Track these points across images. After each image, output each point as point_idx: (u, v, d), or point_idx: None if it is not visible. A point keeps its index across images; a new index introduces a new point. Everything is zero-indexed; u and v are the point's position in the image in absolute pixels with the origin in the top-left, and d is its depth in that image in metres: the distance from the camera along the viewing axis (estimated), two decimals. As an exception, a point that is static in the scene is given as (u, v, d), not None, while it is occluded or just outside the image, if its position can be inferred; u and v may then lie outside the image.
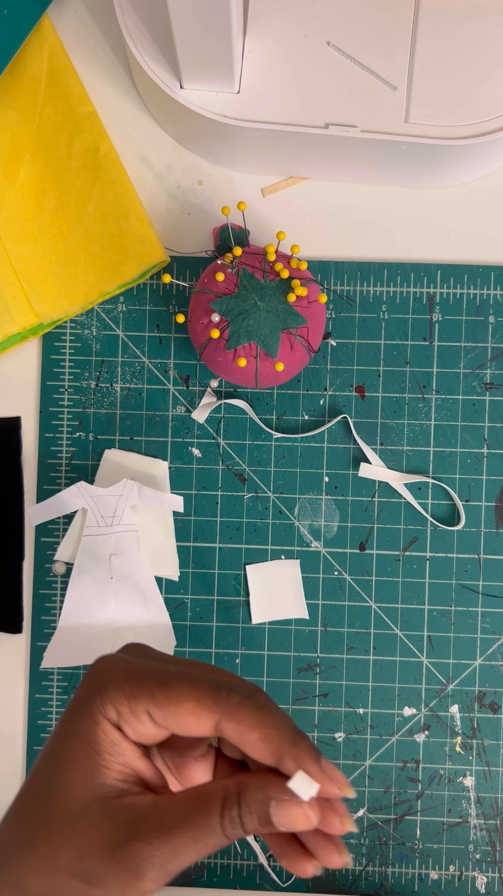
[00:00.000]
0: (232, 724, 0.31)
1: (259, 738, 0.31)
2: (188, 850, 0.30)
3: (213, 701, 0.31)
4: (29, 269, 0.53)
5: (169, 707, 0.31)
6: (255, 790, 0.30)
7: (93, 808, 0.31)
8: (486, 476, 0.54)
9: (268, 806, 0.30)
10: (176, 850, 0.30)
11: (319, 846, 0.32)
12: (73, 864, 0.31)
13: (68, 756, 0.32)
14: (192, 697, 0.31)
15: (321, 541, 0.54)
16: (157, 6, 0.49)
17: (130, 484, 0.52)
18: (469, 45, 0.49)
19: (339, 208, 0.55)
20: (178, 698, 0.31)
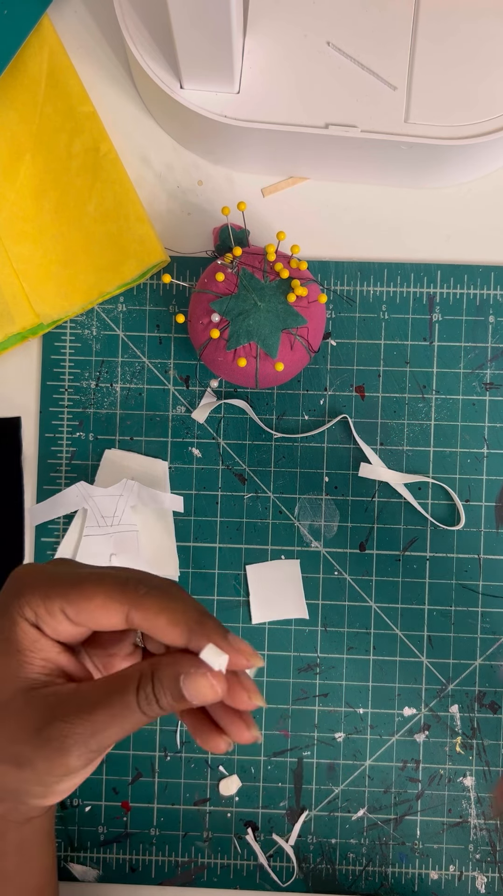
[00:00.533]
0: (139, 613, 0.33)
1: (166, 623, 0.33)
2: (108, 727, 0.32)
3: (122, 594, 0.33)
4: (29, 269, 0.53)
5: (80, 602, 0.33)
6: (167, 667, 0.33)
7: (17, 699, 0.34)
8: (486, 476, 0.54)
9: (179, 681, 0.32)
10: (96, 727, 0.32)
11: (229, 722, 0.34)
12: (3, 751, 0.34)
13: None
14: (100, 593, 0.33)
15: (321, 541, 0.54)
16: (157, 6, 0.49)
17: (130, 484, 0.52)
18: (469, 44, 0.49)
19: (339, 208, 0.55)
20: (89, 594, 0.33)
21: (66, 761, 0.33)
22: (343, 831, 0.53)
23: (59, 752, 0.33)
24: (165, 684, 0.33)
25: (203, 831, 0.53)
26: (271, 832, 0.53)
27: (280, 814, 0.53)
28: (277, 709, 0.53)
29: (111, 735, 0.33)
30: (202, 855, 0.53)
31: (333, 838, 0.53)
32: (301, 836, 0.53)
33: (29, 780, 0.34)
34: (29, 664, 0.34)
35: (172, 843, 0.53)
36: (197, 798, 0.53)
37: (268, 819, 0.53)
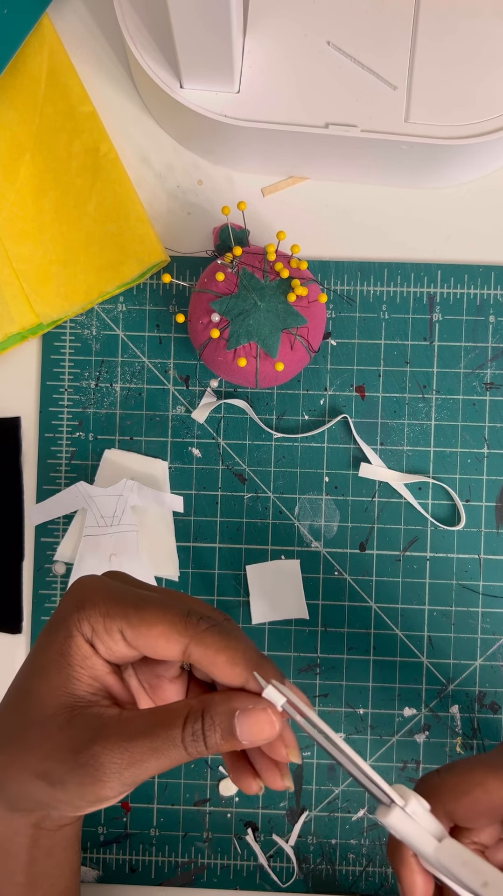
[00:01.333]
0: (200, 649, 0.33)
1: (225, 661, 0.33)
2: (147, 760, 0.32)
3: (184, 626, 0.33)
4: (29, 269, 0.53)
5: (141, 629, 0.33)
6: (220, 704, 0.33)
7: (61, 715, 0.33)
8: (487, 476, 0.54)
9: (233, 717, 0.32)
10: (134, 758, 0.32)
11: (265, 768, 0.34)
12: (39, 766, 0.33)
13: (42, 666, 0.34)
14: (163, 621, 0.33)
15: (321, 541, 0.54)
16: (157, 6, 0.49)
17: (130, 484, 0.52)
18: (469, 44, 0.49)
19: (339, 208, 0.55)
20: (151, 621, 0.33)
21: (98, 790, 0.32)
22: (343, 832, 0.53)
23: (92, 779, 0.32)
24: (217, 721, 0.32)
25: (203, 832, 0.53)
26: (271, 832, 0.53)
27: (280, 814, 0.53)
28: (277, 709, 0.53)
29: (148, 769, 0.32)
30: (202, 855, 0.53)
31: (333, 839, 0.53)
32: (301, 836, 0.53)
33: (60, 798, 0.33)
34: (77, 680, 0.34)
35: (172, 844, 0.53)
36: (197, 798, 0.53)
37: (268, 819, 0.53)
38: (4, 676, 0.54)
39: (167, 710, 0.33)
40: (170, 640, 0.33)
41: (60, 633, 0.34)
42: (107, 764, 0.32)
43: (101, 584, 0.35)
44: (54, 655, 0.34)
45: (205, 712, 0.32)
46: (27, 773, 0.34)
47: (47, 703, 0.34)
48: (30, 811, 0.36)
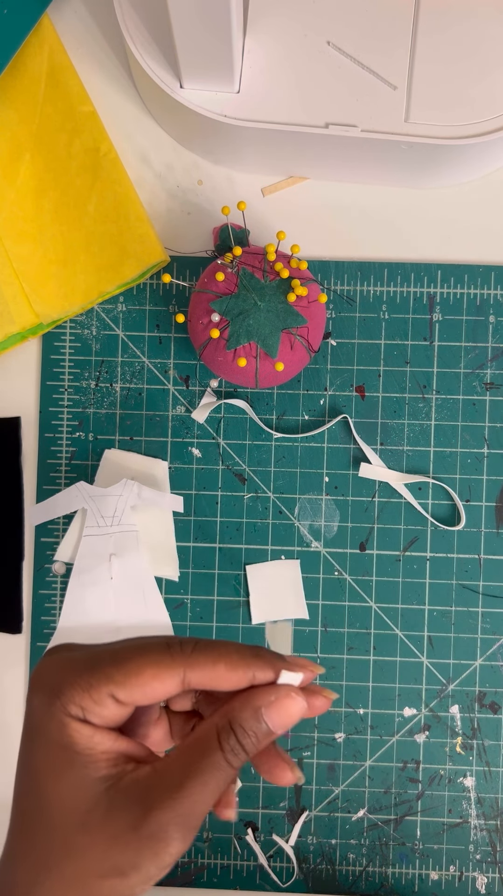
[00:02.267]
0: (196, 671, 0.31)
1: (226, 668, 0.31)
2: (203, 796, 0.30)
3: (170, 658, 0.31)
4: (29, 269, 0.53)
5: (130, 680, 0.31)
6: (243, 709, 0.31)
7: (98, 806, 0.31)
8: (487, 476, 0.54)
9: (260, 715, 0.31)
10: (193, 802, 0.30)
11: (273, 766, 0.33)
12: (101, 865, 0.31)
13: (49, 769, 0.32)
14: (148, 664, 0.31)
15: (321, 541, 0.54)
16: (157, 6, 0.49)
17: (130, 484, 0.52)
18: (469, 44, 0.49)
19: (339, 208, 0.55)
20: (136, 669, 0.31)
21: (172, 850, 0.30)
22: (343, 832, 0.53)
23: (164, 844, 0.30)
24: (247, 726, 0.31)
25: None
26: (271, 832, 0.53)
27: (280, 814, 0.53)
28: (277, 709, 0.53)
29: (207, 803, 0.31)
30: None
31: (333, 839, 0.53)
32: (301, 836, 0.53)
33: (136, 883, 0.31)
34: (94, 764, 0.31)
35: (172, 844, 0.53)
36: (197, 798, 0.53)
37: (269, 819, 0.53)
38: (4, 676, 0.54)
39: (197, 741, 0.31)
40: (163, 678, 0.31)
41: (52, 728, 0.31)
42: (171, 824, 0.30)
43: (63, 660, 0.33)
44: (57, 753, 0.31)
45: (232, 724, 0.31)
46: (91, 881, 0.31)
47: (77, 804, 0.31)
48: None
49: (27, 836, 0.32)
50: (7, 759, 0.54)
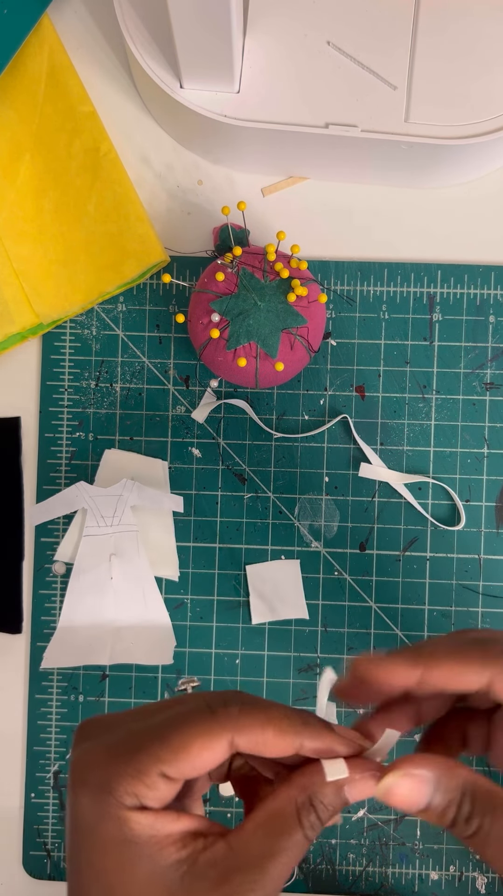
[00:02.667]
0: (244, 736, 0.30)
1: (274, 735, 0.30)
2: (284, 873, 0.29)
3: (219, 725, 0.30)
4: (29, 269, 0.53)
5: (179, 757, 0.29)
6: (325, 785, 0.30)
7: (177, 894, 0.29)
8: (486, 476, 0.54)
9: (342, 793, 0.30)
10: (275, 879, 0.29)
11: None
12: None
13: (115, 869, 0.29)
14: (195, 735, 0.30)
15: (321, 541, 0.54)
16: (157, 6, 0.49)
17: (130, 484, 0.52)
18: (469, 44, 0.49)
19: (339, 208, 0.55)
20: (184, 744, 0.29)
21: None
22: (343, 832, 0.53)
23: None
24: (328, 801, 0.30)
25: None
26: (271, 832, 0.53)
27: (280, 814, 0.53)
28: (277, 709, 0.53)
29: (286, 875, 0.30)
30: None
31: (333, 839, 0.53)
32: (301, 836, 0.53)
33: None
34: (162, 852, 0.29)
35: (172, 844, 0.53)
36: (197, 798, 0.53)
37: (268, 819, 0.53)
38: (4, 676, 0.54)
39: (276, 817, 0.30)
40: (213, 748, 0.29)
41: (109, 827, 0.29)
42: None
43: (104, 749, 0.30)
44: (120, 850, 0.29)
45: (313, 800, 0.30)
46: None
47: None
48: None
49: None
50: (8, 759, 0.54)
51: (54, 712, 0.53)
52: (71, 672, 0.54)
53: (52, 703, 0.54)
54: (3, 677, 0.54)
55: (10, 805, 0.54)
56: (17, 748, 0.54)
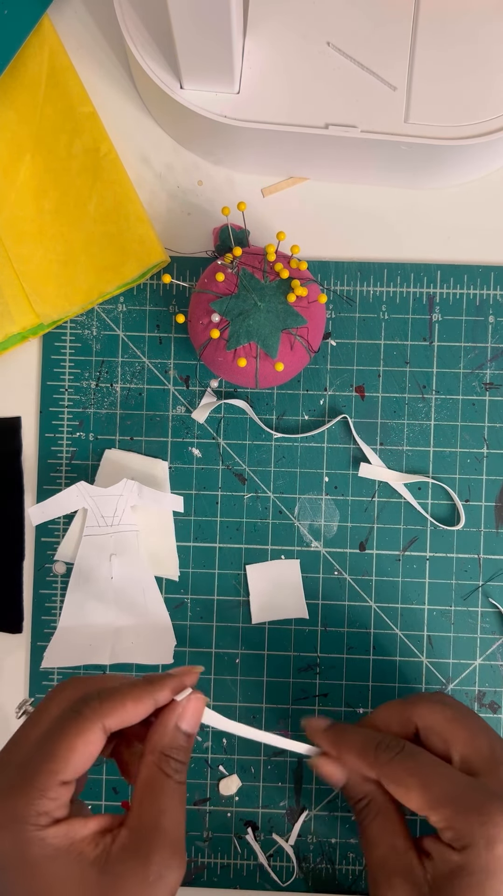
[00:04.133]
0: (111, 718, 0.35)
1: (133, 705, 0.35)
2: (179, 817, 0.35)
3: (88, 720, 0.34)
4: (29, 269, 0.53)
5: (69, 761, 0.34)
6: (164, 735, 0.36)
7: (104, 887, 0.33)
8: (486, 476, 0.54)
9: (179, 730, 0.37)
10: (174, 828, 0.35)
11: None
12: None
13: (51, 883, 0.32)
14: (73, 737, 0.34)
15: (321, 541, 0.54)
16: (157, 6, 0.49)
17: (130, 484, 0.52)
18: (469, 45, 0.49)
19: (339, 208, 0.55)
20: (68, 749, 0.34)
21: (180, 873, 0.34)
22: (343, 831, 0.53)
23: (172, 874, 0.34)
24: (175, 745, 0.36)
25: (203, 831, 0.53)
26: (271, 832, 0.53)
27: (280, 813, 0.53)
28: (277, 709, 0.53)
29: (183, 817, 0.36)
30: (202, 855, 0.53)
31: (333, 838, 0.53)
32: (301, 835, 0.53)
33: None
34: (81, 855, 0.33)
35: (172, 843, 0.53)
36: (197, 798, 0.53)
37: (268, 819, 0.53)
38: (5, 676, 0.54)
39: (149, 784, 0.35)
40: (91, 740, 0.34)
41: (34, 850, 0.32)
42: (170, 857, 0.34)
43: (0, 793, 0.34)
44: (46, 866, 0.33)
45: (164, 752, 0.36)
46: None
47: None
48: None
49: None
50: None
51: (54, 712, 0.54)
52: (71, 672, 0.54)
53: (53, 703, 0.54)
54: (4, 677, 0.54)
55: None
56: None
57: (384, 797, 0.41)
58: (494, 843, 0.37)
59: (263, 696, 0.53)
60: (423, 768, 0.39)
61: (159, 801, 0.35)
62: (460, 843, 0.38)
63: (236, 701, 0.53)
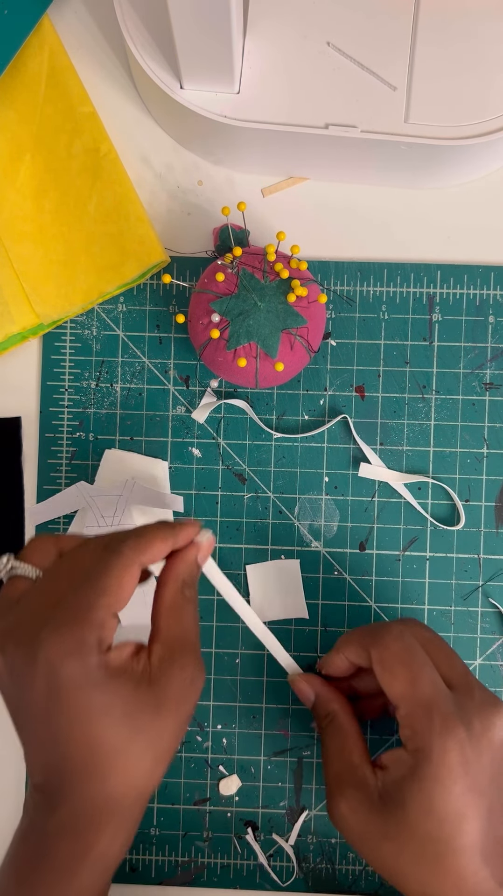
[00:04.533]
0: (145, 556, 0.40)
1: (160, 544, 0.41)
2: (197, 620, 0.42)
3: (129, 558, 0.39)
4: (29, 269, 0.53)
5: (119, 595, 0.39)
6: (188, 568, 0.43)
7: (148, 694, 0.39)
8: (486, 476, 0.54)
9: (196, 563, 0.43)
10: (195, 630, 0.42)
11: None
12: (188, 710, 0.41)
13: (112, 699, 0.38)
14: (121, 573, 0.38)
15: (321, 541, 0.54)
16: (157, 6, 0.49)
17: (131, 484, 0.53)
18: (469, 45, 0.49)
19: (339, 208, 0.55)
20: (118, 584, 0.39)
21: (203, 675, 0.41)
22: (343, 831, 0.53)
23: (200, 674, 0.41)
24: (192, 574, 0.43)
25: (203, 831, 0.53)
26: (271, 832, 0.53)
27: (280, 813, 0.53)
28: (277, 709, 0.53)
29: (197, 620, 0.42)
30: (202, 855, 0.53)
31: (333, 838, 0.53)
32: (301, 835, 0.53)
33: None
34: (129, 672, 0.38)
35: (172, 843, 0.53)
36: (197, 798, 0.53)
37: (268, 819, 0.53)
38: (5, 676, 0.54)
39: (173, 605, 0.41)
40: (134, 574, 0.39)
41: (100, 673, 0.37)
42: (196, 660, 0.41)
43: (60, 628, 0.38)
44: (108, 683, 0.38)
45: (185, 580, 0.43)
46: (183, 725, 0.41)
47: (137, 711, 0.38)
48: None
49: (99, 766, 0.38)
50: (9, 759, 0.54)
51: (55, 712, 0.54)
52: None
53: (53, 703, 0.54)
54: (4, 677, 0.54)
55: (11, 805, 0.54)
56: (17, 748, 0.54)
57: (346, 717, 0.46)
58: (448, 752, 0.40)
59: (263, 696, 0.53)
60: (416, 664, 0.42)
61: (183, 619, 0.41)
62: (414, 744, 0.41)
63: (236, 701, 0.53)
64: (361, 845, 0.42)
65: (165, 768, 0.39)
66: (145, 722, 0.38)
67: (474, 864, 0.40)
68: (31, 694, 0.37)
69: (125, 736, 0.37)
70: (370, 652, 0.44)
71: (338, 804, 0.42)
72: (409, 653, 0.43)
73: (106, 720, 0.37)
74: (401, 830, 0.40)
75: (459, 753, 0.40)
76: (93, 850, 0.38)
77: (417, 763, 0.40)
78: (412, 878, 0.41)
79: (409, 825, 0.40)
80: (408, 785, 0.40)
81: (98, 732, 0.37)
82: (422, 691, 0.41)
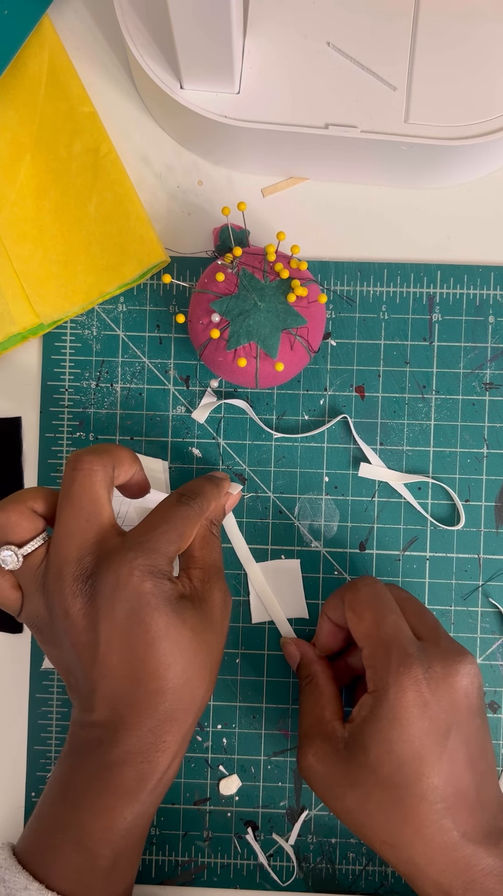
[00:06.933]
0: (210, 506, 0.47)
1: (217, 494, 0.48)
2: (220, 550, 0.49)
3: (196, 514, 0.46)
4: (29, 269, 0.53)
5: (180, 544, 0.45)
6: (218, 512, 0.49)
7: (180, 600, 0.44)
8: (486, 476, 0.54)
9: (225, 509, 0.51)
10: (220, 557, 0.48)
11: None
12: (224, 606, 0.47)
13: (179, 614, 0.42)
14: (189, 525, 0.45)
15: (321, 541, 0.54)
16: (157, 6, 0.49)
17: (130, 484, 0.52)
18: (469, 45, 0.49)
19: (339, 208, 0.55)
20: (185, 534, 0.45)
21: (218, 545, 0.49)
22: (343, 831, 0.53)
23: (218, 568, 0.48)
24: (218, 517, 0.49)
25: (203, 831, 0.53)
26: (271, 832, 0.53)
27: (280, 813, 0.53)
28: (277, 709, 0.54)
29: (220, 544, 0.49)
30: (202, 854, 0.53)
31: (333, 838, 0.53)
32: (301, 835, 0.53)
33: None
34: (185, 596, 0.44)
35: (172, 843, 0.53)
36: (197, 797, 0.53)
37: (268, 819, 0.53)
38: (5, 676, 0.54)
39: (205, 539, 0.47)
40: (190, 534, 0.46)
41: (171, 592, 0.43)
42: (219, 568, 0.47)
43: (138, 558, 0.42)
44: (175, 604, 0.43)
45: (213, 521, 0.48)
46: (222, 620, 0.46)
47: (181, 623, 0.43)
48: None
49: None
50: (9, 759, 0.54)
51: (55, 712, 0.54)
52: (71, 672, 0.54)
53: (53, 703, 0.54)
54: (5, 677, 0.54)
55: (12, 805, 0.54)
56: (18, 748, 0.54)
57: (325, 679, 0.48)
58: (404, 692, 0.41)
59: (263, 696, 0.53)
60: (383, 607, 0.44)
61: (213, 550, 0.46)
62: (374, 684, 0.42)
63: (236, 701, 0.53)
64: (329, 795, 0.43)
65: (214, 683, 0.44)
66: (205, 638, 0.42)
67: (435, 811, 0.40)
68: (109, 623, 0.40)
69: (193, 651, 0.41)
70: (343, 600, 0.46)
71: (305, 755, 0.44)
72: (377, 597, 0.44)
73: (180, 638, 0.41)
74: (365, 777, 0.41)
75: (416, 694, 0.41)
76: (156, 771, 0.41)
77: (376, 702, 0.41)
78: (376, 827, 0.41)
79: (371, 768, 0.41)
80: (367, 726, 0.41)
81: (174, 650, 0.41)
82: (385, 630, 0.43)
